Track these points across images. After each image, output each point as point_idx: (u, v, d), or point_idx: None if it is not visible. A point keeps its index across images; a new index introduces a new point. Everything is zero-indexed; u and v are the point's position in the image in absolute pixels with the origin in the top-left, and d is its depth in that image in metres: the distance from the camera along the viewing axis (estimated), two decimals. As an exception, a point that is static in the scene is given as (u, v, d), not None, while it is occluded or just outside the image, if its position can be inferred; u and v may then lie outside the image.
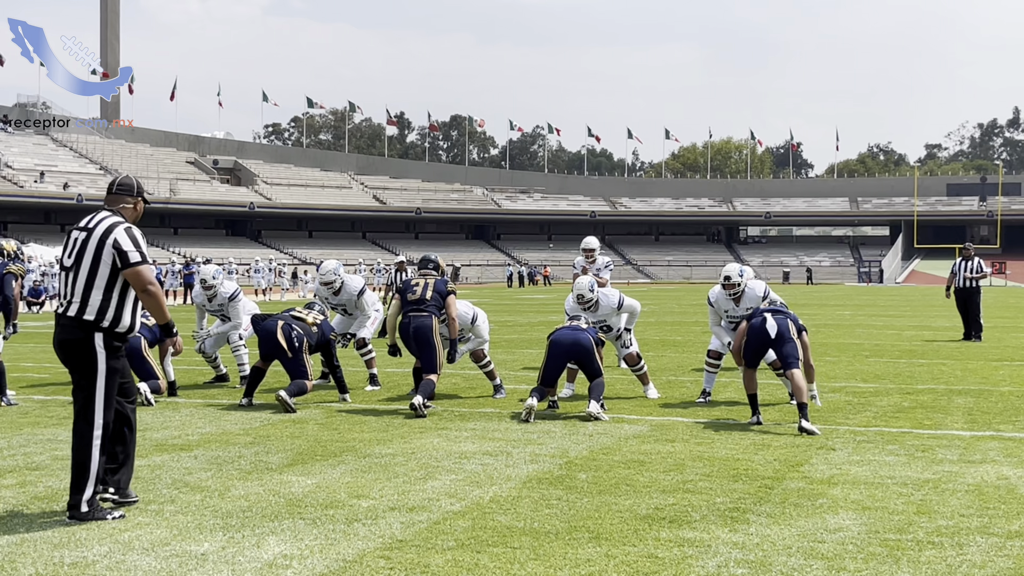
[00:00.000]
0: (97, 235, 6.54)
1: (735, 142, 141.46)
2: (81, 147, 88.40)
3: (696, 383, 13.55)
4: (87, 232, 6.59)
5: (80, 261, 6.54)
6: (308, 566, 5.30)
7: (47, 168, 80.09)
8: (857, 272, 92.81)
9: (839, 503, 6.74)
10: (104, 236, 6.52)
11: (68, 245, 6.64)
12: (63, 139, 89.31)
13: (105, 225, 6.56)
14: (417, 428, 9.88)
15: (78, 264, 6.54)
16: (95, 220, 6.64)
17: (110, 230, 6.53)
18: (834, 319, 30.05)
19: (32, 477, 7.53)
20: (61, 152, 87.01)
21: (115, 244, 6.50)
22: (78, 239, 6.59)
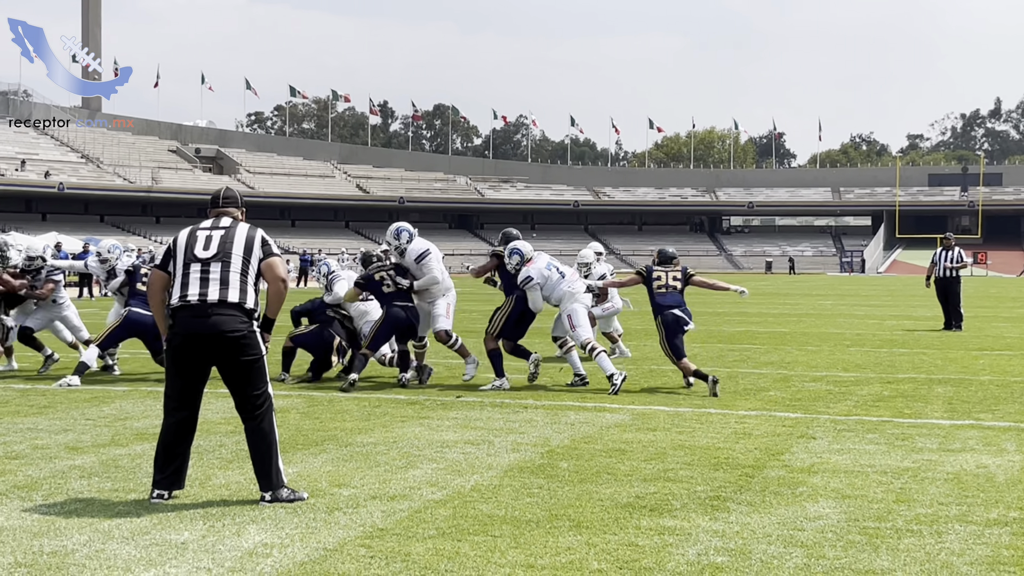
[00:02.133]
0: (243, 231, 6.72)
1: (718, 132, 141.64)
2: (62, 135, 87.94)
3: (678, 373, 13.55)
4: (225, 230, 6.72)
5: (228, 251, 6.61)
6: (288, 555, 5.29)
7: (28, 156, 79.70)
8: (839, 262, 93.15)
9: (819, 491, 6.76)
10: (252, 232, 6.73)
11: (199, 240, 6.67)
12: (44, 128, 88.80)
13: (247, 225, 6.80)
14: (399, 417, 9.88)
15: (227, 254, 6.60)
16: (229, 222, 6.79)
17: (255, 230, 6.78)
18: (816, 309, 30.15)
19: (11, 466, 7.50)
20: (42, 140, 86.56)
21: (263, 238, 6.75)
22: (215, 236, 6.68)
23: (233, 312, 6.51)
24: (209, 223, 6.84)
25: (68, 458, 7.81)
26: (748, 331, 21.07)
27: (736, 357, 15.61)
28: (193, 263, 6.60)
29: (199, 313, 6.49)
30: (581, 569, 5.07)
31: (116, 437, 8.76)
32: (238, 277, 6.57)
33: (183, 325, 6.53)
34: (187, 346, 6.54)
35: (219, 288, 6.51)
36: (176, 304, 6.58)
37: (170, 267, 6.75)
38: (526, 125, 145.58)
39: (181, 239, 6.75)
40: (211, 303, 6.49)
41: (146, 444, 8.39)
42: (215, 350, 6.52)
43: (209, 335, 6.48)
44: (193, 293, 6.52)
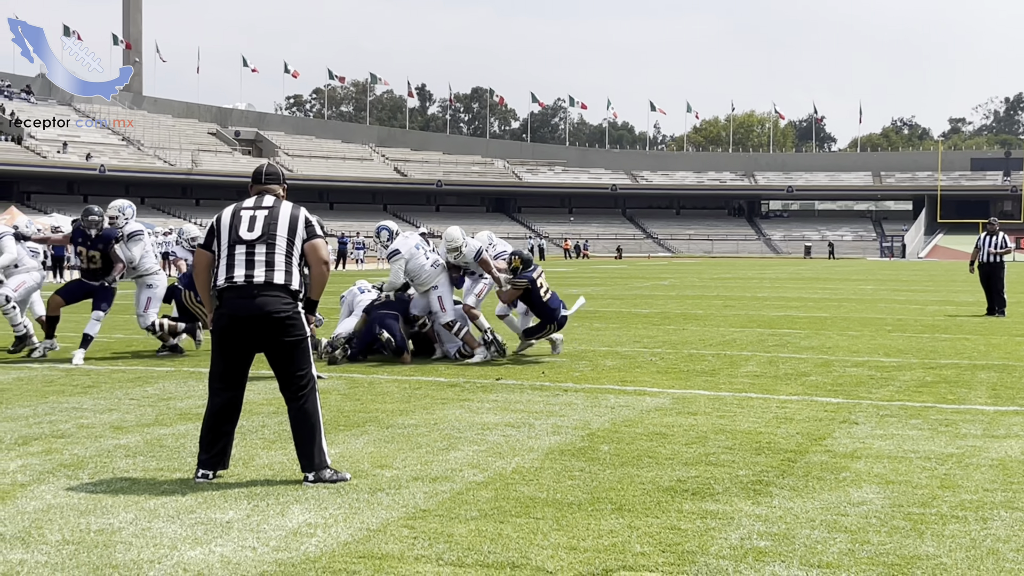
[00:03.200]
0: (287, 211, 6.73)
1: (758, 115, 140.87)
2: (104, 118, 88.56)
3: (719, 357, 13.53)
4: (269, 210, 6.74)
5: (273, 233, 6.64)
6: (332, 534, 5.33)
7: (70, 139, 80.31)
8: (879, 247, 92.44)
9: (862, 477, 6.72)
10: (295, 212, 6.75)
11: (243, 221, 6.69)
12: (86, 110, 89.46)
13: (290, 205, 6.80)
14: (439, 399, 9.90)
15: (271, 235, 6.64)
16: (273, 201, 6.81)
17: (299, 209, 6.79)
18: (856, 294, 29.94)
19: (57, 445, 7.58)
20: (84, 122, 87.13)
21: (307, 219, 6.77)
22: (259, 216, 6.70)
23: (279, 293, 6.56)
24: (252, 202, 6.85)
25: (113, 437, 7.89)
26: (788, 316, 20.96)
27: (776, 342, 15.53)
28: (238, 244, 6.64)
29: (245, 294, 6.55)
30: (624, 552, 5.07)
31: (160, 417, 8.84)
32: (283, 259, 6.62)
33: (229, 306, 6.58)
34: (233, 327, 6.58)
35: (265, 270, 6.56)
36: (223, 285, 6.63)
37: (214, 246, 6.78)
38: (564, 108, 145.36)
39: (225, 219, 6.78)
40: (257, 284, 6.54)
41: (189, 424, 8.45)
42: (261, 330, 6.56)
43: (255, 316, 6.52)
44: (239, 275, 6.57)
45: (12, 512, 5.70)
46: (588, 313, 21.64)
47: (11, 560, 4.86)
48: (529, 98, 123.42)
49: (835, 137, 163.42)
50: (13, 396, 9.97)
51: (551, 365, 12.55)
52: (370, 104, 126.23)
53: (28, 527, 5.41)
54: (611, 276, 43.87)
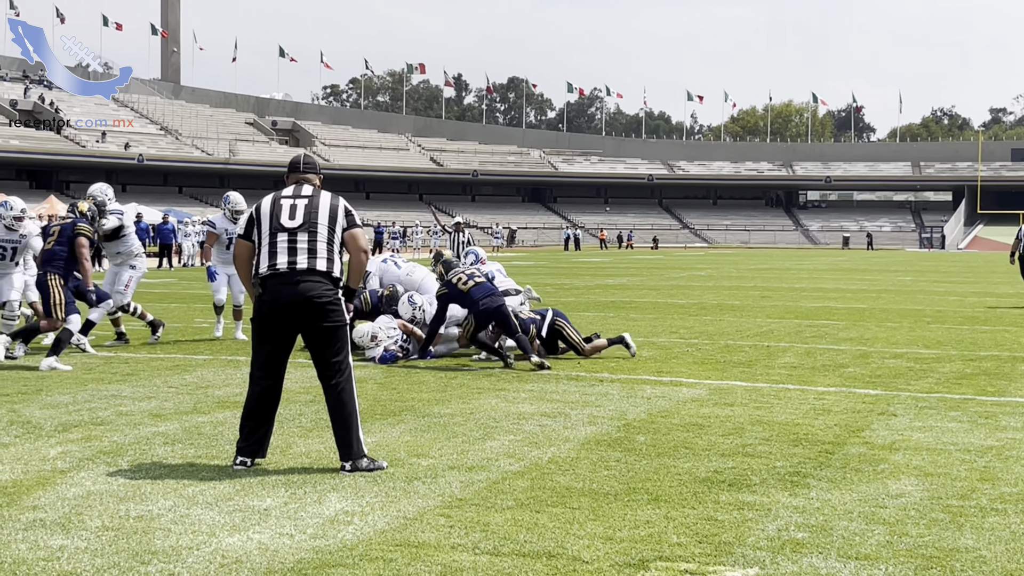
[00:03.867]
0: (326, 200, 6.85)
1: (796, 105, 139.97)
2: (142, 107, 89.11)
3: (756, 348, 13.47)
4: (308, 199, 6.85)
5: (314, 221, 6.76)
6: (369, 523, 5.35)
7: (108, 128, 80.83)
8: (918, 238, 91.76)
9: (901, 469, 6.68)
10: (334, 201, 6.87)
11: (284, 209, 6.80)
12: (124, 99, 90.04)
13: (328, 194, 6.91)
14: (475, 389, 9.91)
15: (312, 223, 6.75)
16: (311, 190, 6.92)
17: (337, 198, 6.92)
18: (895, 285, 29.73)
19: (97, 432, 7.65)
20: (123, 112, 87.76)
21: (346, 208, 6.90)
22: (299, 205, 6.81)
23: (321, 280, 6.67)
24: (291, 191, 6.94)
25: (152, 425, 7.95)
26: (826, 307, 20.84)
27: (814, 333, 15.44)
28: (280, 232, 6.74)
29: (288, 280, 6.65)
30: (660, 542, 5.06)
31: (198, 405, 8.90)
32: (325, 246, 6.73)
33: (272, 292, 6.69)
34: (275, 312, 6.69)
35: (307, 257, 6.68)
36: (265, 273, 6.73)
37: (253, 236, 6.88)
38: (600, 98, 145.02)
39: (265, 208, 6.87)
40: (300, 270, 6.66)
41: (227, 412, 8.50)
42: (302, 315, 6.66)
43: (297, 300, 6.63)
44: (282, 262, 6.67)
45: (52, 498, 5.76)
46: (624, 304, 21.61)
47: (51, 546, 4.91)
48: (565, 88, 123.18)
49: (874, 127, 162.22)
50: (53, 384, 10.06)
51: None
52: (406, 94, 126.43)
53: (68, 513, 5.46)
54: (647, 267, 43.75)
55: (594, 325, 16.39)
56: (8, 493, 5.85)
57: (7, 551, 4.82)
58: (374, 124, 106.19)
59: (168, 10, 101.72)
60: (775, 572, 4.68)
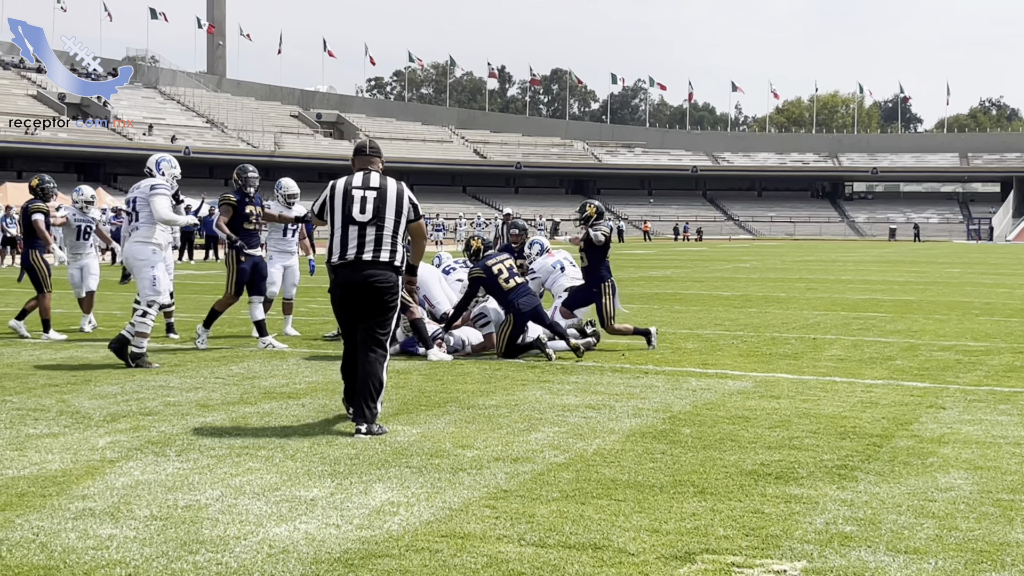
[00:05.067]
0: (394, 193, 7.73)
1: (842, 96, 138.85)
2: (188, 100, 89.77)
3: (802, 340, 13.39)
4: (378, 191, 7.71)
5: (382, 215, 7.67)
6: (415, 513, 5.35)
7: (155, 121, 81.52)
8: (966, 229, 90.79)
9: (950, 462, 6.61)
10: (400, 193, 7.76)
11: (356, 202, 7.65)
12: (171, 92, 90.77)
13: (395, 184, 7.80)
14: (519, 381, 9.91)
15: (381, 218, 7.66)
16: (380, 180, 7.79)
17: (403, 188, 7.84)
18: (943, 277, 29.44)
19: (145, 422, 7.71)
20: (169, 105, 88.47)
21: (411, 200, 7.81)
22: (369, 198, 7.68)
23: (382, 269, 7.63)
24: (360, 180, 7.76)
25: (199, 415, 8.01)
26: (872, 299, 20.66)
27: (860, 325, 15.32)
28: (351, 225, 7.64)
29: (356, 268, 7.61)
30: (707, 535, 5.04)
31: (245, 396, 8.95)
32: (389, 238, 7.67)
33: (342, 277, 7.67)
34: (345, 295, 7.69)
35: (373, 248, 7.62)
36: (336, 263, 7.67)
37: (325, 215, 7.79)
38: (644, 89, 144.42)
39: (338, 196, 7.72)
40: (366, 261, 7.61)
41: (274, 403, 8.55)
42: (364, 296, 7.61)
43: (361, 283, 7.59)
44: (352, 253, 7.62)
45: (101, 488, 5.81)
46: (669, 296, 21.55)
47: (101, 535, 4.95)
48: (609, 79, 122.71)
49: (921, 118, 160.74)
50: (101, 374, 10.16)
51: (631, 347, 12.50)
52: (450, 86, 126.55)
53: (117, 503, 5.51)
54: (692, 258, 43.59)
55: (639, 317, 16.35)
56: (58, 483, 5.91)
57: (57, 540, 4.87)
58: (418, 116, 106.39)
59: (214, 3, 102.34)
60: (823, 566, 4.65)
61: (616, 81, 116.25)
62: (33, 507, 5.40)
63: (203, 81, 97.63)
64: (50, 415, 7.96)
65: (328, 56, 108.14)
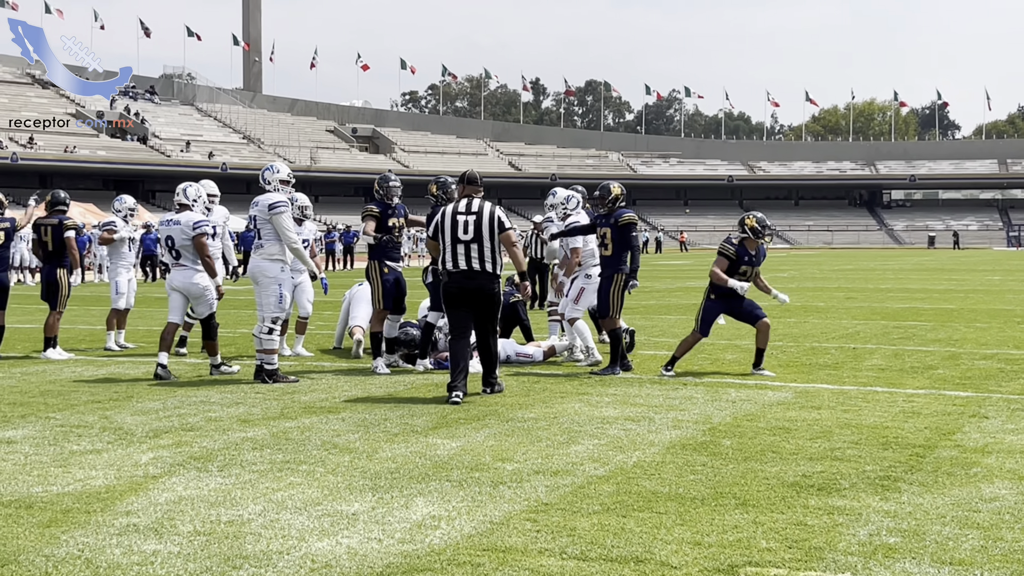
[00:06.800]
0: (487, 215, 9.83)
1: (878, 103, 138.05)
2: (225, 117, 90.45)
3: (842, 350, 13.31)
4: (477, 215, 9.82)
5: (481, 235, 9.76)
6: (456, 527, 5.36)
7: (192, 138, 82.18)
8: (1006, 236, 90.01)
9: (994, 472, 6.55)
10: (492, 214, 9.87)
11: (460, 225, 9.78)
12: (208, 109, 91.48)
13: (489, 207, 9.92)
14: (558, 393, 9.91)
15: (480, 237, 9.75)
16: (478, 205, 9.91)
17: (494, 209, 9.94)
18: (983, 285, 29.19)
19: (187, 438, 7.76)
20: (206, 122, 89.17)
21: (499, 218, 9.88)
22: (470, 221, 9.79)
23: (485, 277, 9.81)
24: (464, 207, 9.89)
25: (240, 430, 8.05)
26: (913, 308, 20.52)
27: (901, 334, 15.21)
28: (458, 244, 9.80)
29: (465, 276, 9.79)
30: (749, 547, 5.01)
31: (285, 410, 8.99)
32: (489, 252, 9.80)
33: (455, 282, 9.82)
34: (458, 295, 9.84)
35: (478, 261, 9.78)
36: (449, 270, 9.84)
37: (438, 238, 9.93)
38: (679, 100, 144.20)
39: (447, 221, 9.88)
40: (473, 271, 9.78)
41: (314, 417, 8.59)
42: (473, 298, 9.81)
43: (471, 290, 9.80)
44: (462, 264, 9.79)
45: (145, 503, 5.85)
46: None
47: (145, 551, 4.99)
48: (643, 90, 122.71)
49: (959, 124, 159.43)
50: (143, 390, 10.24)
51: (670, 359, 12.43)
52: (484, 99, 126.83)
53: (161, 518, 5.54)
54: (728, 268, 43.39)
55: (676, 328, 16.32)
56: (102, 499, 5.96)
57: (102, 556, 4.91)
58: (452, 130, 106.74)
59: (249, 20, 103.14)
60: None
61: (650, 92, 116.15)
62: (78, 523, 5.45)
63: (239, 97, 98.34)
64: (93, 431, 8.03)
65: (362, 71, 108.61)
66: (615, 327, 11.37)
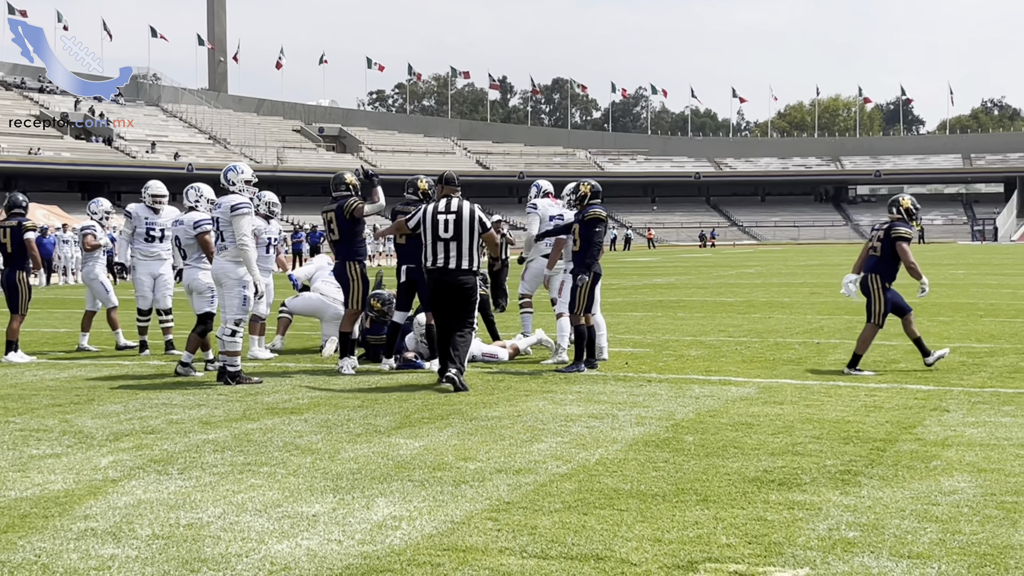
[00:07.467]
0: (467, 214, 10.35)
1: (843, 99, 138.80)
2: (190, 117, 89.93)
3: (806, 345, 13.37)
4: (457, 214, 10.34)
5: (460, 233, 10.30)
6: (417, 527, 5.35)
7: (158, 139, 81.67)
8: (970, 230, 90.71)
9: (953, 465, 6.59)
10: (472, 214, 10.38)
11: (440, 224, 10.29)
12: (173, 110, 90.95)
13: (468, 207, 10.42)
14: (523, 391, 9.91)
15: (459, 235, 10.29)
16: (457, 204, 10.42)
17: (475, 209, 10.43)
18: (947, 278, 29.39)
19: (148, 440, 7.70)
20: (171, 123, 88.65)
21: (480, 218, 10.42)
22: (450, 220, 10.31)
23: (464, 273, 10.34)
24: (443, 206, 10.40)
25: (202, 432, 8.00)
26: (876, 302, 20.60)
27: (864, 329, 15.26)
28: (438, 241, 10.32)
29: (444, 272, 10.32)
30: (709, 544, 5.03)
31: (248, 412, 8.95)
32: (467, 250, 10.35)
33: (435, 277, 10.36)
34: (438, 290, 10.38)
35: (456, 258, 10.32)
36: (430, 267, 10.37)
37: (419, 230, 10.44)
38: (645, 97, 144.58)
39: (428, 219, 10.35)
40: (452, 268, 10.31)
41: (276, 419, 8.55)
42: (452, 293, 10.32)
43: (453, 284, 10.32)
44: (441, 261, 10.32)
45: (104, 507, 5.81)
46: (673, 303, 21.55)
47: (103, 555, 4.95)
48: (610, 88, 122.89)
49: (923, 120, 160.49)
50: (105, 394, 10.16)
51: (634, 355, 12.49)
52: (451, 98, 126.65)
53: (119, 522, 5.50)
54: (696, 265, 43.56)
55: (642, 325, 16.36)
56: (60, 503, 5.91)
57: (59, 561, 4.86)
58: (420, 128, 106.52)
59: (214, 20, 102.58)
60: (826, 572, 4.64)
61: (615, 90, 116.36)
62: (35, 528, 5.40)
63: (205, 98, 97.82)
64: (53, 435, 7.95)
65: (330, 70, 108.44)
66: (580, 323, 11.36)
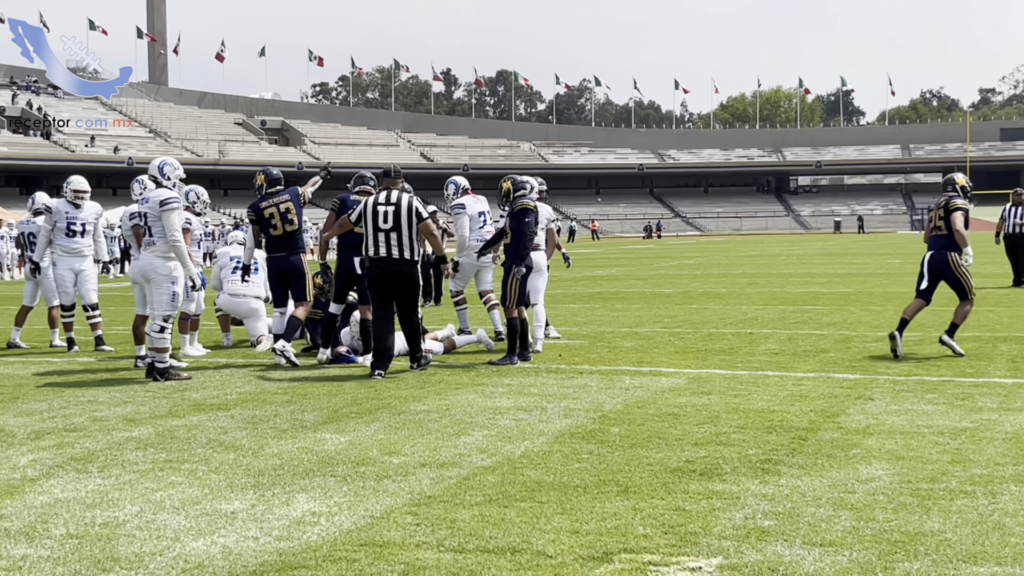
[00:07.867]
0: (405, 206, 10.61)
1: (785, 91, 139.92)
2: (131, 111, 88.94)
3: (738, 335, 13.47)
4: (395, 206, 10.61)
5: (400, 224, 10.54)
6: (335, 523, 5.32)
7: (97, 132, 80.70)
8: (910, 220, 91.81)
9: (873, 453, 6.67)
10: (409, 204, 10.63)
11: (380, 215, 10.55)
12: (113, 103, 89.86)
13: (407, 199, 10.69)
14: (453, 385, 9.89)
15: (399, 226, 10.53)
16: (396, 196, 10.67)
17: (412, 201, 10.71)
18: (883, 268, 29.75)
19: (70, 439, 7.61)
20: (111, 116, 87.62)
21: (416, 209, 10.64)
22: (389, 211, 10.57)
23: (404, 263, 10.58)
24: (384, 198, 10.67)
25: (125, 430, 7.92)
26: (812, 292, 20.84)
27: (798, 319, 15.44)
28: (379, 232, 10.57)
29: (385, 262, 10.56)
30: (626, 534, 5.05)
31: (174, 408, 8.87)
32: (407, 240, 10.57)
33: (376, 268, 10.58)
34: (379, 280, 10.61)
35: (397, 248, 10.56)
36: (372, 256, 10.60)
37: (360, 225, 10.75)
38: (589, 89, 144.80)
39: (368, 211, 10.63)
40: (392, 258, 10.55)
41: (202, 415, 8.48)
42: (394, 283, 10.61)
43: (394, 274, 10.57)
44: (383, 251, 10.56)
45: (19, 507, 5.73)
46: (611, 294, 21.63)
47: (14, 555, 4.89)
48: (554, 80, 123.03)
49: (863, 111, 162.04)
50: (30, 391, 10.03)
51: (568, 347, 12.52)
52: (395, 90, 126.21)
53: (34, 522, 5.43)
54: (638, 256, 43.75)
55: (579, 317, 16.40)
56: (-25, 503, 5.83)
57: (-32, 562, 4.80)
58: (363, 121, 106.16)
59: (154, 13, 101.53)
60: (739, 561, 4.67)
61: (559, 82, 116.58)
62: (-54, 529, 5.32)
63: (145, 91, 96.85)
64: (-26, 434, 7.84)
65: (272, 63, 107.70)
66: (512, 316, 11.37)
